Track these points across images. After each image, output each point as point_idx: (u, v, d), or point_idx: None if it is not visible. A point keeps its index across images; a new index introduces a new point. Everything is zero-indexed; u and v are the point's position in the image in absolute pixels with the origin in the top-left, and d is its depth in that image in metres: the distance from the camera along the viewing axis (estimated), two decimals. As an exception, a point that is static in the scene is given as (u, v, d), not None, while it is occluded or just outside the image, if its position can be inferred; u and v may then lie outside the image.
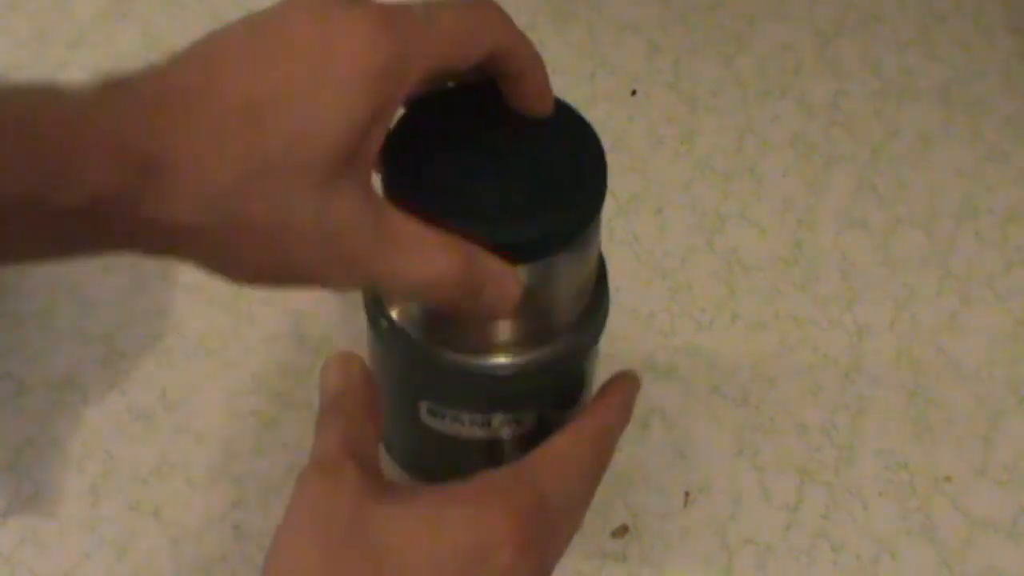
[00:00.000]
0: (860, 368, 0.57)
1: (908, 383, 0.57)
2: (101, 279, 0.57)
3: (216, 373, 0.55)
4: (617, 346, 0.57)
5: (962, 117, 0.68)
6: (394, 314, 0.39)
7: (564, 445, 0.38)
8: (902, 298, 0.60)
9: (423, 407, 0.41)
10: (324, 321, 0.57)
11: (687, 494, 0.52)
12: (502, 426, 0.41)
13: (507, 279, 0.35)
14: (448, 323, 0.38)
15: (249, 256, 0.31)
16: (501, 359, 0.38)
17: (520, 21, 0.37)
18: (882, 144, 0.67)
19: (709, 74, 0.69)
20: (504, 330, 0.38)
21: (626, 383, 0.42)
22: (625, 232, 0.61)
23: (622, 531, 0.51)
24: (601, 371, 0.56)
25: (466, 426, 0.40)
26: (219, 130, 0.30)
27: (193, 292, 0.57)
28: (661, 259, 0.61)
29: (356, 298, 0.59)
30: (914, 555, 0.51)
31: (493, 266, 0.35)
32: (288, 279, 0.32)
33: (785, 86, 0.69)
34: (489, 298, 0.35)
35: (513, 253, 0.35)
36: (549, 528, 0.36)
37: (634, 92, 0.68)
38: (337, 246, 0.32)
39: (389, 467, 0.49)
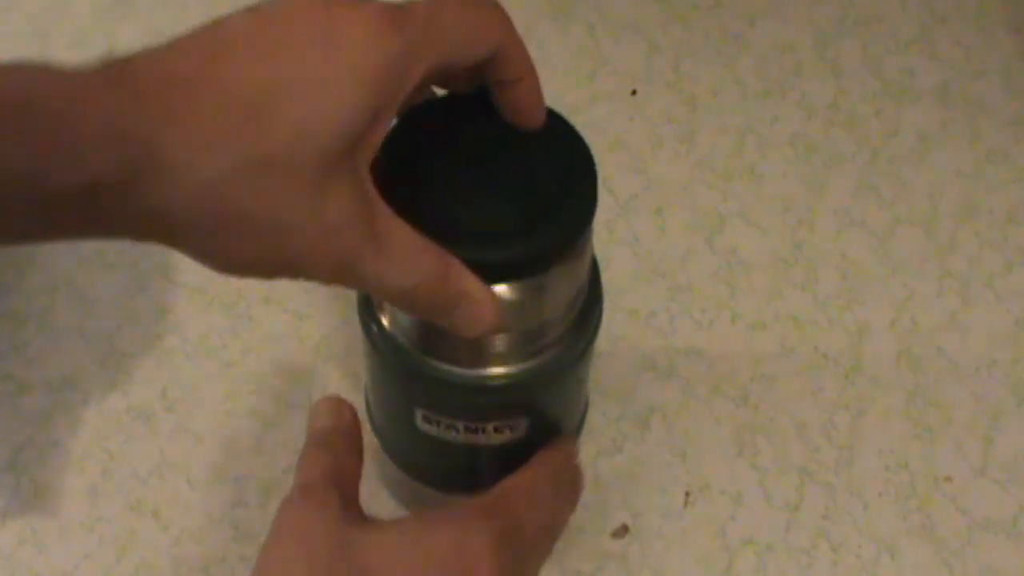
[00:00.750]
0: (860, 368, 0.57)
1: (908, 383, 0.57)
2: (101, 279, 0.57)
3: (216, 373, 0.55)
4: (617, 346, 0.57)
5: (962, 117, 0.68)
6: (384, 321, 0.39)
7: (528, 478, 0.40)
8: (902, 298, 0.60)
9: (418, 414, 0.41)
10: (324, 321, 0.57)
11: (687, 494, 0.52)
12: (496, 432, 0.41)
13: (483, 300, 0.35)
14: (438, 333, 0.37)
15: (239, 247, 0.31)
16: (492, 370, 0.38)
17: (520, 21, 0.37)
18: (882, 144, 0.67)
19: (709, 74, 0.69)
20: (495, 342, 0.38)
21: (565, 439, 0.44)
22: (625, 232, 0.61)
23: (622, 531, 0.51)
24: (603, 370, 0.56)
25: (461, 433, 0.40)
26: (219, 121, 0.29)
27: (193, 292, 0.57)
28: (661, 259, 0.61)
29: (355, 299, 0.59)
30: (914, 555, 0.51)
31: (470, 284, 0.34)
32: (276, 271, 0.32)
33: (785, 86, 0.69)
34: (463, 316, 0.35)
35: (495, 272, 0.35)
36: (525, 552, 0.38)
37: (634, 92, 0.68)
38: (328, 243, 0.31)
39: (385, 476, 0.49)
